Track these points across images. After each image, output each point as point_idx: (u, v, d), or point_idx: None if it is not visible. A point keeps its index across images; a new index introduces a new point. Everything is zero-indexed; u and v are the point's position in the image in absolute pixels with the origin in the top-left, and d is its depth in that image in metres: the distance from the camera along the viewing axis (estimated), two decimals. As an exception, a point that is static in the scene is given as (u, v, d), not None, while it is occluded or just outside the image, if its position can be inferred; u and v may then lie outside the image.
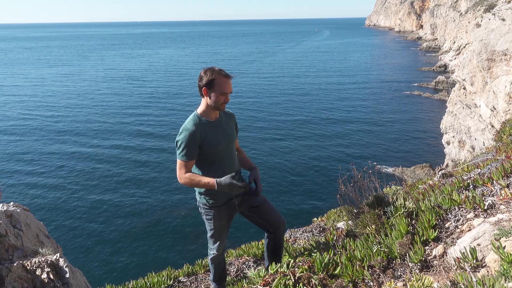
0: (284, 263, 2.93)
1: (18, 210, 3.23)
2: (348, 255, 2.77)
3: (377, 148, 26.27)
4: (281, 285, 2.60)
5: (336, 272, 2.69)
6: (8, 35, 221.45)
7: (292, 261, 3.02)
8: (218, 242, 3.28)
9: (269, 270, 2.86)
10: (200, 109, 3.06)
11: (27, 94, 44.85)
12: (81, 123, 32.70)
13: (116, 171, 22.60)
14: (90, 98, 42.26)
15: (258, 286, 2.81)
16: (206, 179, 2.97)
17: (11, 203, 3.33)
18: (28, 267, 2.65)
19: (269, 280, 2.74)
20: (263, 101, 39.50)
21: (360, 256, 2.73)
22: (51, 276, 2.65)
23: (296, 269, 2.75)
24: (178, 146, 2.98)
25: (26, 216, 3.29)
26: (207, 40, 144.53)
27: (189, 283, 4.03)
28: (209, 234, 3.28)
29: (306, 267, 2.74)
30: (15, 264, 2.62)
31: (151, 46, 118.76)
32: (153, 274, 4.21)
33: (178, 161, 3.01)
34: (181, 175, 2.99)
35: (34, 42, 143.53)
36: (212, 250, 3.33)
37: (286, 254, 3.63)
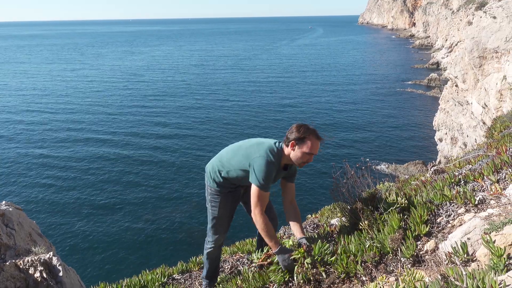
0: (284, 244, 3.09)
1: (10, 209, 3.21)
2: (343, 248, 2.80)
3: (370, 145, 26.40)
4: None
5: (332, 259, 2.75)
6: (2, 33, 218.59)
7: (290, 243, 3.11)
8: (217, 235, 3.27)
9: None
10: (281, 151, 2.97)
11: (21, 94, 44.35)
12: (75, 122, 32.42)
13: (110, 171, 22.47)
14: (84, 97, 41.89)
15: (259, 263, 3.11)
16: (276, 239, 2.90)
17: (3, 202, 3.30)
18: (21, 266, 2.64)
19: (270, 254, 3.06)
20: (256, 99, 39.47)
21: (354, 251, 2.76)
22: (44, 275, 2.64)
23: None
24: (262, 173, 2.80)
25: (18, 215, 3.27)
26: (200, 38, 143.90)
27: (183, 280, 4.05)
28: (210, 224, 3.26)
29: (302, 250, 2.86)
30: (7, 263, 2.60)
31: (146, 44, 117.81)
32: (147, 271, 4.22)
33: (259, 191, 2.80)
34: (260, 212, 2.84)
35: (28, 41, 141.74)
36: (210, 243, 3.32)
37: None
